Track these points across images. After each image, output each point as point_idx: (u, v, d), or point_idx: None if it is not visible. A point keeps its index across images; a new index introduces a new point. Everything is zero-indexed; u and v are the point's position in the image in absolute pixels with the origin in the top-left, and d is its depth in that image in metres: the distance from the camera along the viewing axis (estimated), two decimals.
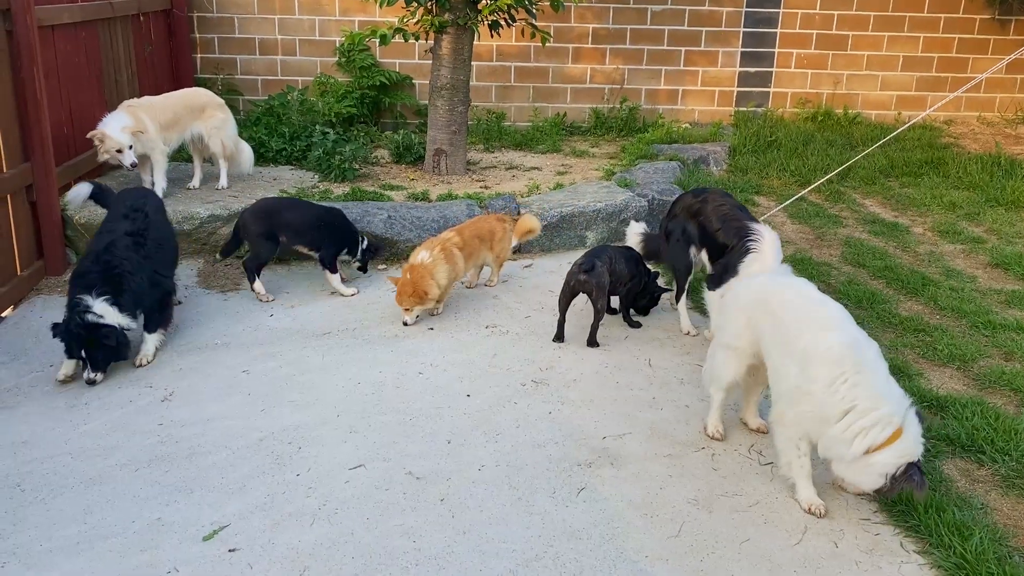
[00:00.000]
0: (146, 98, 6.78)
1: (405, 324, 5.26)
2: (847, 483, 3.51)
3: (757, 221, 4.71)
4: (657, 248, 5.38)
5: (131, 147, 6.16)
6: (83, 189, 5.42)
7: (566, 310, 5.10)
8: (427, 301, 5.20)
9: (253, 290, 5.67)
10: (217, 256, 6.02)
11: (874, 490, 3.35)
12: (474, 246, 5.59)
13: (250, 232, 5.66)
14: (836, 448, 3.36)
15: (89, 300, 4.49)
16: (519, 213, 6.46)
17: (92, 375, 4.51)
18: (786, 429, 3.56)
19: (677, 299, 5.17)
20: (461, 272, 5.49)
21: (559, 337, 5.09)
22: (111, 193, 5.44)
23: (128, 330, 4.62)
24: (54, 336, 4.50)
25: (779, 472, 3.67)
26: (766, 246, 4.48)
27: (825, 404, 3.34)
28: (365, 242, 5.95)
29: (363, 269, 6.03)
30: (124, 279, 4.64)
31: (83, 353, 4.47)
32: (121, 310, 4.57)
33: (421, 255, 5.26)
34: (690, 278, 5.17)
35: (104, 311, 4.51)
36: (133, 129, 6.19)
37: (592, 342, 5.04)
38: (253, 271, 5.67)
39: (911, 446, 3.26)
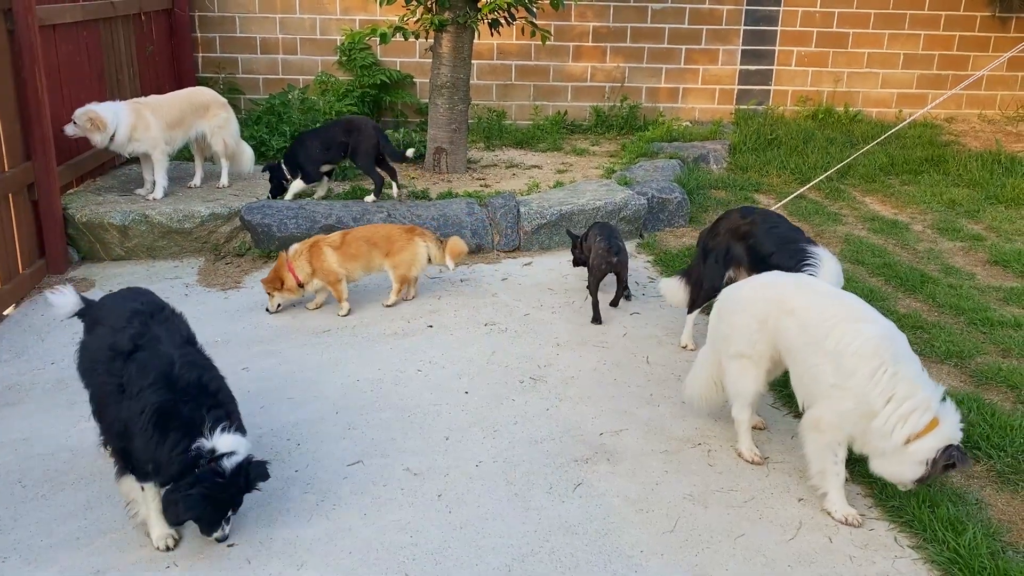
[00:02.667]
0: (152, 97, 6.85)
1: (267, 311, 5.42)
2: (887, 476, 3.39)
3: (816, 244, 4.50)
4: (699, 273, 5.01)
5: (113, 135, 6.29)
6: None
7: (597, 291, 5.40)
8: (283, 289, 5.35)
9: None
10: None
11: (915, 479, 3.30)
12: (360, 249, 5.40)
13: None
14: (875, 442, 3.30)
15: (205, 441, 3.15)
16: (447, 237, 5.84)
17: (228, 528, 3.29)
18: (823, 435, 3.43)
19: (690, 310, 5.09)
20: (335, 271, 5.34)
21: (597, 319, 5.36)
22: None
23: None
24: (201, 519, 3.21)
25: (809, 482, 3.58)
26: (824, 271, 4.24)
27: (868, 397, 3.27)
28: None
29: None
30: (222, 393, 3.37)
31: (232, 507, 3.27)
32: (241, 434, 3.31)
33: (293, 246, 5.44)
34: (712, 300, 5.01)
35: (235, 443, 3.22)
36: (130, 124, 6.34)
37: (616, 303, 5.60)
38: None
39: (950, 431, 3.25)
